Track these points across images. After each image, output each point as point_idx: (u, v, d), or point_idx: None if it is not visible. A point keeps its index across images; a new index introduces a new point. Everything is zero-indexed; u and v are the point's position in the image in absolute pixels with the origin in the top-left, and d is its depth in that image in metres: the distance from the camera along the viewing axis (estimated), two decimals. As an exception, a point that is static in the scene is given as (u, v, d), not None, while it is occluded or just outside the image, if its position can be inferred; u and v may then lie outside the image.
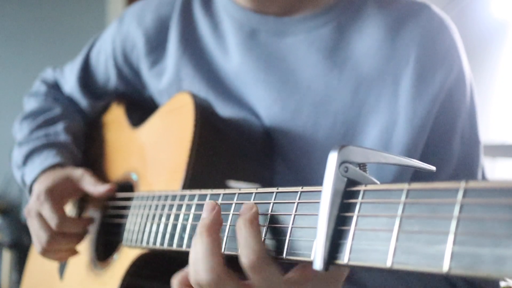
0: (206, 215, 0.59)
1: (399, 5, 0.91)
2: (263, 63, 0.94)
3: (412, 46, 0.87)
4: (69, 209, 1.12)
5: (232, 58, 0.97)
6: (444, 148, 0.88)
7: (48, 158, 1.05)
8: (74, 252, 0.99)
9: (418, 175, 0.88)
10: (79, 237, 0.98)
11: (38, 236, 0.95)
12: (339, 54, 0.90)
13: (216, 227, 0.57)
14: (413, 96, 0.85)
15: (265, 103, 0.93)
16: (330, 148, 0.86)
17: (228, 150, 0.89)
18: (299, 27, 0.93)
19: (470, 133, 0.91)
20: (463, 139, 0.90)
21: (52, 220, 0.93)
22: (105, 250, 1.04)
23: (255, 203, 0.59)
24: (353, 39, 0.90)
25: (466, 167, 0.90)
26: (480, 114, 0.94)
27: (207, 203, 0.59)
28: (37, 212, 0.95)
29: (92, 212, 1.08)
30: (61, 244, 0.96)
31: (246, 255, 0.53)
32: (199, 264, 0.56)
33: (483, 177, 0.94)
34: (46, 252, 0.97)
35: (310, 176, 0.89)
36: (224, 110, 0.95)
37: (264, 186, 0.88)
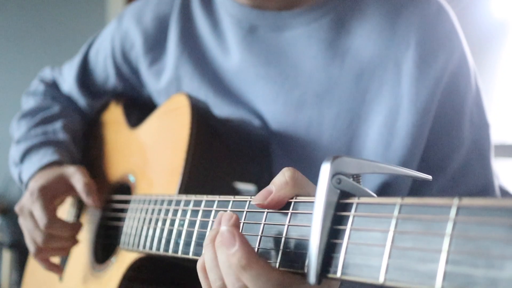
0: (233, 246, 0.51)
1: None
2: (263, 59, 0.94)
3: (412, 30, 0.87)
4: (68, 209, 1.12)
5: (232, 56, 0.97)
6: (455, 132, 0.88)
7: (46, 156, 1.05)
8: (65, 252, 0.99)
9: (429, 162, 0.87)
10: (69, 241, 0.97)
11: (33, 236, 0.95)
12: (339, 44, 0.90)
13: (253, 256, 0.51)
14: (416, 78, 0.85)
15: (267, 99, 0.92)
16: (336, 139, 0.87)
17: (225, 151, 0.88)
18: (297, 20, 0.92)
19: (479, 116, 0.91)
20: (473, 123, 0.90)
21: (41, 220, 0.92)
22: (103, 252, 1.03)
23: (248, 211, 0.59)
24: (352, 28, 0.90)
25: (478, 150, 0.90)
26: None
27: (225, 232, 0.53)
28: (29, 211, 0.95)
29: (91, 213, 1.08)
30: (52, 243, 0.95)
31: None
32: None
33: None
34: (40, 251, 0.96)
35: (316, 171, 0.88)
36: (224, 108, 0.95)
37: (263, 187, 0.89)
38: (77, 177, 0.98)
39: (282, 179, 0.55)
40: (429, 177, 0.54)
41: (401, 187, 0.87)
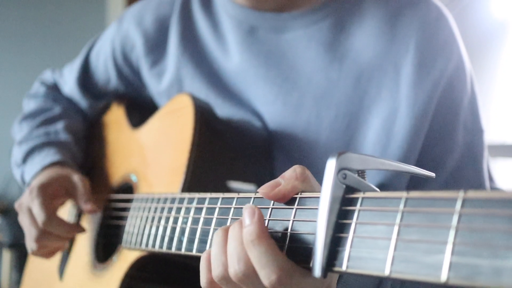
0: (249, 221, 0.52)
1: None
2: (263, 60, 0.94)
3: (411, 34, 0.87)
4: (69, 208, 1.12)
5: (232, 57, 0.98)
6: (448, 137, 0.88)
7: (48, 156, 1.05)
8: (61, 249, 1.00)
9: (422, 166, 0.88)
10: (65, 239, 0.97)
11: (29, 232, 0.95)
12: (338, 47, 0.90)
13: (265, 232, 0.52)
14: (414, 83, 0.85)
15: (266, 100, 0.93)
16: (334, 141, 0.88)
17: (228, 151, 0.89)
18: (297, 22, 0.93)
19: (473, 122, 0.92)
20: (466, 128, 0.90)
21: (40, 217, 0.92)
22: (105, 252, 1.04)
23: None
24: (352, 31, 0.90)
25: (471, 156, 0.90)
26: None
27: (247, 208, 0.53)
28: (27, 207, 0.95)
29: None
30: (48, 241, 0.95)
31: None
32: (266, 269, 0.50)
33: (488, 169, 0.94)
34: (36, 248, 0.96)
35: (315, 172, 0.89)
36: (225, 109, 0.95)
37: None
38: (79, 188, 0.98)
39: (292, 173, 0.55)
40: (432, 174, 0.54)
41: (397, 189, 0.87)
